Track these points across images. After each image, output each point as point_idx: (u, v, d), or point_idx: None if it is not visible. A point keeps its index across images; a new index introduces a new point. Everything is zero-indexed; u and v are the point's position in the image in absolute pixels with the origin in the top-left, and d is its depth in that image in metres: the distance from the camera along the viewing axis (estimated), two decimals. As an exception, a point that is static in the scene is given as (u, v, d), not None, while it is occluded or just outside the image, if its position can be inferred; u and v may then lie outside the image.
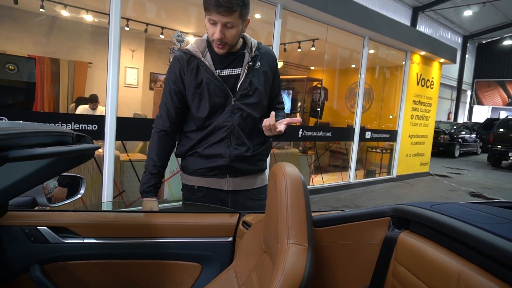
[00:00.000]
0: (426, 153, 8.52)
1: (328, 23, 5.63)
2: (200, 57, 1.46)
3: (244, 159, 1.53)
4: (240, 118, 1.49)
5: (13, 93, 5.15)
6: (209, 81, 1.46)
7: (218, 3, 1.28)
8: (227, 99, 1.48)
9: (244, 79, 1.48)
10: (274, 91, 1.64)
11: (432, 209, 1.01)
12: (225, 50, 1.43)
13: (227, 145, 1.50)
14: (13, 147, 0.69)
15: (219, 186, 1.55)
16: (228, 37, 1.38)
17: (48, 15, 5.79)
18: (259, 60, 1.53)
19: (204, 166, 1.53)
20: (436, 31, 16.22)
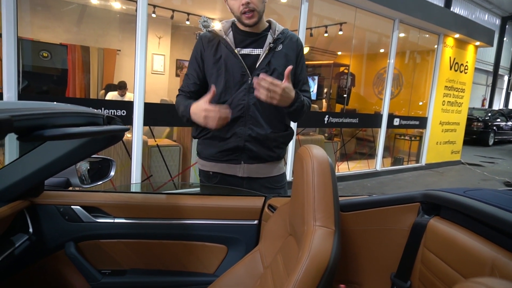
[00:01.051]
0: (458, 141, 8.21)
1: (356, 6, 5.45)
2: (222, 35, 1.49)
3: (259, 141, 1.51)
4: (256, 97, 1.44)
5: (47, 79, 5.35)
6: (228, 57, 1.48)
7: None
8: (244, 77, 1.48)
9: (263, 59, 1.49)
10: (297, 77, 1.60)
11: (465, 194, 0.98)
12: (256, 19, 1.44)
13: (242, 124, 1.49)
14: (48, 126, 0.72)
15: (233, 172, 1.55)
16: (254, 1, 1.40)
17: (78, 4, 5.93)
18: (281, 43, 1.52)
19: (219, 149, 1.53)
20: (472, 13, 15.39)
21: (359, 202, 1.15)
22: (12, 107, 0.64)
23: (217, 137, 1.52)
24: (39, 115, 0.68)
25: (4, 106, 0.63)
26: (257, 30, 1.51)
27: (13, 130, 0.62)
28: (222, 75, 1.48)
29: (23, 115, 0.64)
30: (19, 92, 2.99)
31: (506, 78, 20.44)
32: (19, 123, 0.63)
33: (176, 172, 4.22)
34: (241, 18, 1.44)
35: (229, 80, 1.48)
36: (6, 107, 0.63)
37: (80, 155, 1.14)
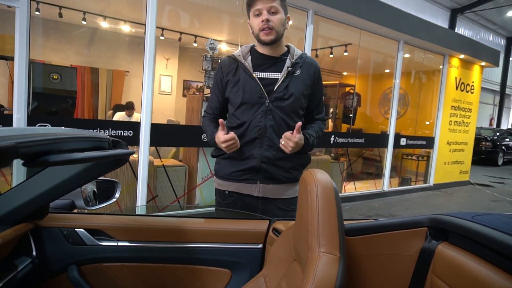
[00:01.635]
0: (466, 161, 8.12)
1: (361, 28, 5.53)
2: (241, 60, 1.54)
3: (275, 163, 1.54)
4: (273, 120, 1.52)
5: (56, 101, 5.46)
6: (246, 80, 1.53)
7: None
8: (262, 99, 1.52)
9: (281, 83, 1.52)
10: (314, 102, 1.65)
11: (473, 220, 0.96)
12: (273, 36, 1.49)
13: (259, 146, 1.53)
14: (53, 151, 0.73)
15: (249, 192, 1.56)
16: (274, 20, 1.47)
17: (89, 27, 6.10)
18: (299, 68, 1.56)
19: (235, 169, 1.56)
20: (477, 33, 15.49)
21: (365, 227, 1.13)
22: (18, 134, 0.65)
23: (235, 157, 1.56)
24: (44, 141, 0.69)
25: (10, 133, 0.64)
26: (275, 54, 1.56)
27: (19, 156, 0.63)
28: (240, 97, 1.53)
29: (29, 142, 0.65)
30: (29, 113, 3.05)
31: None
32: (25, 150, 0.64)
33: (181, 193, 4.21)
34: (259, 35, 1.50)
35: (247, 103, 1.53)
36: (12, 133, 0.64)
37: (85, 178, 1.14)
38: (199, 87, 7.76)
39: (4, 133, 0.62)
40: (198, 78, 7.21)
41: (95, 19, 5.87)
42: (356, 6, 5.03)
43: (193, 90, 7.93)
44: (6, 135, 0.62)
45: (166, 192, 4.09)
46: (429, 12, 12.77)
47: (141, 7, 3.59)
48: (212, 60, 4.27)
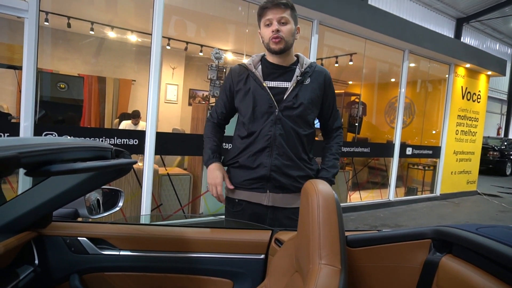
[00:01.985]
0: (473, 170, 8.03)
1: (366, 37, 5.55)
2: (252, 69, 1.57)
3: (284, 172, 1.54)
4: (282, 129, 1.53)
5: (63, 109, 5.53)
6: (256, 90, 1.54)
7: (274, 0, 1.47)
8: (271, 108, 1.53)
9: (291, 92, 1.54)
10: (327, 110, 1.67)
11: (477, 232, 0.94)
12: (282, 46, 1.51)
13: (268, 155, 1.54)
14: (56, 161, 0.74)
15: (258, 201, 1.57)
16: (283, 31, 1.49)
17: (96, 37, 6.20)
18: (309, 77, 1.58)
19: (246, 177, 1.57)
20: (483, 43, 15.46)
21: (368, 238, 1.11)
22: (20, 144, 0.66)
23: (245, 166, 1.57)
24: (46, 151, 0.70)
25: (13, 143, 0.65)
26: (285, 63, 1.58)
27: (21, 166, 0.64)
28: (251, 106, 1.55)
29: (31, 152, 0.65)
30: (36, 121, 3.08)
31: (521, 106, 20.15)
32: (27, 160, 0.64)
33: (186, 201, 4.21)
34: (269, 44, 1.52)
35: (256, 111, 1.55)
36: (15, 143, 0.65)
37: (89, 186, 1.15)
38: (204, 96, 7.81)
39: (6, 143, 0.63)
40: (203, 87, 7.26)
41: (102, 29, 5.96)
42: (361, 16, 5.05)
43: (199, 99, 7.98)
44: (8, 145, 0.63)
45: (170, 201, 4.09)
46: (435, 22, 12.79)
47: (148, 17, 3.64)
48: (217, 70, 4.30)
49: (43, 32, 5.46)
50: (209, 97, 4.59)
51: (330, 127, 1.71)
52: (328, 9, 4.61)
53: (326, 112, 1.68)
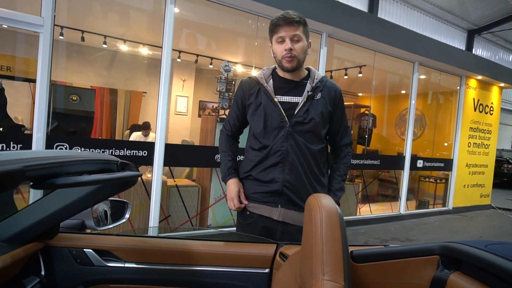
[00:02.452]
0: (487, 184, 7.86)
1: (375, 50, 5.55)
2: (263, 83, 1.57)
3: (296, 188, 1.54)
4: (294, 145, 1.53)
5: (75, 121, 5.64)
6: (267, 104, 1.55)
7: (286, 18, 1.47)
8: (282, 123, 1.53)
9: (301, 107, 1.54)
10: (335, 125, 1.66)
11: (487, 249, 0.92)
12: (294, 64, 1.51)
13: (281, 170, 1.54)
14: (61, 174, 0.75)
15: (269, 215, 1.57)
16: (296, 49, 1.49)
17: (109, 50, 6.34)
18: (320, 91, 1.57)
19: (258, 190, 1.58)
20: (495, 54, 15.29)
21: (374, 253, 1.10)
22: (26, 157, 0.68)
23: (258, 179, 1.58)
24: (51, 164, 0.71)
25: (18, 156, 0.66)
26: (296, 78, 1.58)
27: (26, 179, 0.65)
28: (262, 121, 1.56)
29: (36, 165, 0.67)
30: (48, 133, 3.14)
31: (536, 118, 19.78)
32: (32, 173, 0.66)
33: (194, 213, 4.22)
34: (282, 62, 1.52)
35: (268, 126, 1.55)
36: (20, 157, 0.66)
37: (95, 198, 1.17)
38: (214, 108, 7.87)
39: (11, 157, 0.65)
40: (213, 99, 7.33)
41: (115, 42, 6.10)
42: (370, 29, 5.07)
43: (209, 110, 8.05)
44: (14, 158, 0.64)
45: (178, 212, 4.10)
46: (445, 33, 12.73)
47: (159, 30, 3.72)
48: (226, 82, 4.34)
49: (58, 46, 5.61)
50: (218, 109, 4.63)
51: (338, 144, 1.70)
52: (337, 22, 4.64)
53: (334, 127, 1.67)
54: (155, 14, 4.71)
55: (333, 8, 4.69)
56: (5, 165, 0.60)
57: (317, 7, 4.47)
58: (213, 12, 4.65)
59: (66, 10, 4.66)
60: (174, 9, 3.68)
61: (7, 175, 0.59)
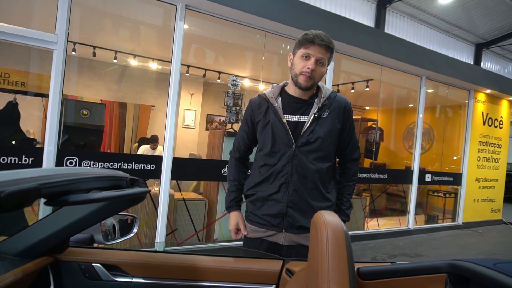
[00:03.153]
0: (498, 198, 7.74)
1: (382, 64, 5.58)
2: (274, 103, 1.58)
3: (301, 208, 1.55)
4: (299, 165, 1.54)
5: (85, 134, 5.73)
6: (275, 123, 1.56)
7: (321, 39, 1.47)
8: (289, 143, 1.54)
9: (308, 127, 1.54)
10: (344, 141, 1.66)
11: (495, 268, 0.92)
12: (309, 84, 1.52)
13: (285, 191, 1.55)
14: (73, 191, 0.77)
15: (274, 240, 1.60)
16: (317, 72, 1.51)
17: (119, 65, 6.47)
18: (327, 109, 1.57)
19: (263, 212, 1.59)
20: (504, 67, 15.22)
21: (381, 271, 1.09)
22: (39, 175, 0.70)
23: (262, 200, 1.60)
24: (64, 182, 0.74)
25: (33, 174, 0.69)
26: (305, 97, 1.59)
27: (41, 196, 0.68)
28: (269, 140, 1.57)
29: (50, 183, 0.69)
30: (59, 146, 3.20)
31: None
32: (46, 190, 0.68)
33: (201, 226, 4.22)
34: (298, 77, 1.52)
35: (274, 146, 1.57)
36: (35, 175, 0.69)
37: (105, 213, 1.19)
38: (221, 121, 7.93)
39: (27, 175, 0.67)
40: (221, 112, 7.39)
41: (125, 57, 6.23)
42: (377, 44, 5.11)
43: (216, 124, 8.11)
44: (29, 176, 0.67)
45: (185, 226, 4.11)
46: (453, 47, 12.74)
47: (168, 46, 3.80)
48: (234, 96, 4.39)
49: (70, 61, 5.75)
50: (225, 123, 4.67)
51: (346, 158, 1.71)
52: (344, 37, 4.69)
53: (343, 142, 1.66)
54: (164, 30, 4.82)
55: (340, 24, 4.75)
56: (21, 183, 0.63)
57: (324, 23, 4.53)
58: (222, 28, 4.74)
59: (78, 27, 4.79)
60: (184, 26, 3.76)
61: (24, 193, 0.61)
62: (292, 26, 4.13)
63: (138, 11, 4.68)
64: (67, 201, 0.74)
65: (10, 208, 0.60)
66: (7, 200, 0.58)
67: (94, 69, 6.48)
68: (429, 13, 11.33)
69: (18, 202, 0.61)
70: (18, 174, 0.66)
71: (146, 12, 4.65)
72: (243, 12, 3.84)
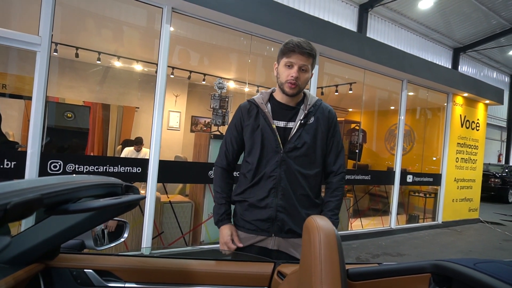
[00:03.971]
0: (475, 198, 8.01)
1: (365, 68, 5.70)
2: (264, 108, 1.61)
3: (289, 212, 1.58)
4: (287, 170, 1.57)
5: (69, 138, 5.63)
6: (265, 129, 1.59)
7: (302, 47, 1.51)
8: (277, 149, 1.57)
9: (295, 133, 1.58)
10: (328, 147, 1.67)
11: (475, 267, 0.97)
12: (295, 91, 1.56)
13: (274, 195, 1.57)
14: (72, 199, 0.79)
15: (264, 245, 1.62)
16: (301, 79, 1.55)
17: (103, 66, 6.37)
18: (313, 116, 1.62)
19: (253, 217, 1.61)
20: (480, 71, 15.76)
21: (369, 272, 1.14)
22: (41, 185, 0.71)
23: (251, 205, 1.61)
24: (65, 191, 0.75)
25: (35, 184, 0.70)
26: (292, 103, 1.63)
27: (43, 206, 0.69)
28: (258, 145, 1.59)
29: (52, 192, 0.70)
30: (42, 149, 3.14)
31: (520, 133, 20.24)
32: (48, 200, 0.69)
33: (187, 229, 4.21)
34: (283, 85, 1.57)
35: (263, 151, 1.59)
36: (37, 185, 0.70)
37: (98, 220, 1.19)
38: (206, 123, 7.92)
39: (29, 185, 0.68)
40: (206, 114, 7.39)
41: (109, 59, 6.14)
42: (360, 48, 5.21)
43: (201, 125, 8.09)
44: (32, 186, 0.68)
45: (172, 229, 4.09)
46: (432, 51, 13.11)
47: (152, 47, 3.78)
48: (220, 99, 4.40)
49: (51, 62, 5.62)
50: (211, 125, 4.68)
51: (329, 168, 1.69)
52: (327, 41, 4.77)
53: (328, 150, 1.68)
54: (149, 32, 4.79)
55: (323, 28, 4.83)
56: (25, 194, 0.64)
57: (308, 27, 4.60)
58: (207, 30, 4.75)
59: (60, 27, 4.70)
60: (170, 28, 3.75)
61: (28, 204, 0.62)
62: (278, 30, 4.18)
63: (122, 12, 4.64)
64: (68, 209, 0.75)
65: (14, 218, 0.61)
66: (13, 211, 0.59)
67: (76, 70, 6.36)
68: (410, 18, 11.64)
69: (22, 213, 0.62)
70: (19, 184, 0.67)
71: (130, 14, 4.61)
72: (229, 15, 3.86)
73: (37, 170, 3.08)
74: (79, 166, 3.26)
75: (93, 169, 3.32)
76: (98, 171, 3.35)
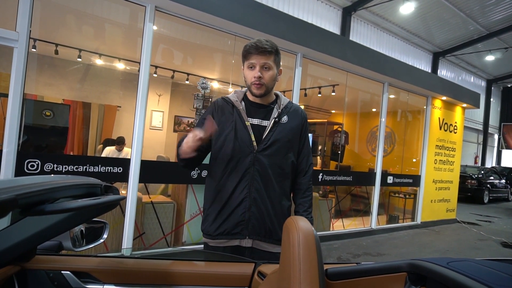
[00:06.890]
0: (452, 199, 8.23)
1: (347, 70, 5.78)
2: (239, 106, 1.60)
3: (262, 212, 1.57)
4: (261, 169, 1.56)
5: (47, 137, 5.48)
6: (239, 126, 1.57)
7: (258, 46, 1.52)
8: (250, 147, 1.56)
9: (269, 132, 1.58)
10: (300, 147, 1.69)
11: (448, 266, 1.00)
12: (262, 91, 1.56)
13: (247, 196, 1.56)
14: (49, 200, 0.77)
15: (238, 244, 1.60)
16: (265, 77, 1.54)
17: (84, 63, 6.24)
18: (286, 115, 1.63)
19: (226, 225, 1.58)
20: (458, 75, 16.21)
21: (347, 271, 1.16)
22: (16, 185, 0.70)
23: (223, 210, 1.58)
24: (41, 191, 0.74)
25: (9, 184, 0.68)
26: (265, 102, 1.64)
27: (18, 207, 0.67)
28: (231, 142, 1.57)
29: (27, 193, 0.69)
30: (19, 148, 3.06)
31: (496, 136, 20.96)
32: (23, 201, 0.68)
33: (169, 230, 4.17)
34: (251, 87, 1.58)
35: (236, 149, 1.56)
36: (11, 185, 0.68)
37: (76, 221, 1.17)
38: (190, 123, 7.86)
39: (4, 185, 0.67)
40: (189, 114, 7.33)
41: (90, 56, 6.02)
42: (342, 51, 5.29)
43: (184, 125, 8.03)
44: (5, 187, 0.66)
45: (153, 229, 4.04)
46: (413, 55, 13.40)
47: (134, 45, 3.74)
48: (203, 99, 4.39)
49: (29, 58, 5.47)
50: (194, 125, 4.65)
51: (301, 166, 1.71)
52: (311, 43, 4.82)
53: (300, 150, 1.70)
54: (132, 30, 4.72)
55: (307, 30, 4.87)
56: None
57: (292, 29, 4.63)
58: (191, 30, 4.72)
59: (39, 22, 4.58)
60: (153, 27, 3.71)
61: (2, 205, 0.61)
62: (261, 31, 4.20)
63: (105, 9, 4.56)
64: (44, 210, 0.73)
65: None
66: (-15, 212, 0.58)
67: (56, 68, 6.21)
68: (392, 22, 11.86)
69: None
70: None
71: (113, 11, 4.53)
72: (213, 15, 3.85)
73: (13, 170, 2.99)
74: (58, 166, 3.19)
75: (72, 168, 3.25)
76: (78, 171, 3.28)
